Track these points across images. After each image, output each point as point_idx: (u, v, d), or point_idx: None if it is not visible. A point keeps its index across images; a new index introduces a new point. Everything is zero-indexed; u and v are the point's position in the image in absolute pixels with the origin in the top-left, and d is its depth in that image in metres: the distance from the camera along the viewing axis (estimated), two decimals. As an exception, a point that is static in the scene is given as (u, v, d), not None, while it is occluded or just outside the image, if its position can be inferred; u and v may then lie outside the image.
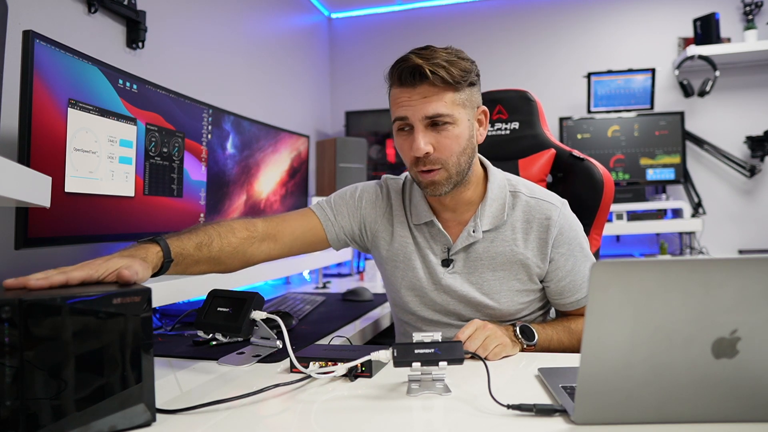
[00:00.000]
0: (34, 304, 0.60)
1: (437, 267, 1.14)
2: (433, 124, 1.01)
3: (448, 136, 1.01)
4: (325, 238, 1.18)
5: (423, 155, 1.01)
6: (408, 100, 1.01)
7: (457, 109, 1.02)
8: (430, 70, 0.97)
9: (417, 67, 0.98)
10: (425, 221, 1.14)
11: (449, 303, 1.14)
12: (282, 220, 1.14)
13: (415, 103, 1.00)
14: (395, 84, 1.04)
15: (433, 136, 1.01)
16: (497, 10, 3.35)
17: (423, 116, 1.00)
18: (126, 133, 1.28)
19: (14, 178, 0.75)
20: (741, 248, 2.97)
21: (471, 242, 1.11)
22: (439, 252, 1.14)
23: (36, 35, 1.05)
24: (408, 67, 0.99)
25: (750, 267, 0.60)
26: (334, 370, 0.85)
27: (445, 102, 1.00)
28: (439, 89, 0.99)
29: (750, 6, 2.89)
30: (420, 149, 1.00)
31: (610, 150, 2.96)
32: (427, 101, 0.99)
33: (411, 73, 0.99)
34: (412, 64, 0.99)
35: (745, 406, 0.64)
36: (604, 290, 0.60)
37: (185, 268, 0.95)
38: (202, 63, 2.10)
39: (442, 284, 1.13)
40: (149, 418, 0.68)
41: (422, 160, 1.02)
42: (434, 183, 1.04)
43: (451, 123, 1.01)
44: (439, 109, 0.99)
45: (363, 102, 3.40)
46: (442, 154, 1.02)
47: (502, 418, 0.69)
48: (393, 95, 1.05)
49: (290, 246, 1.14)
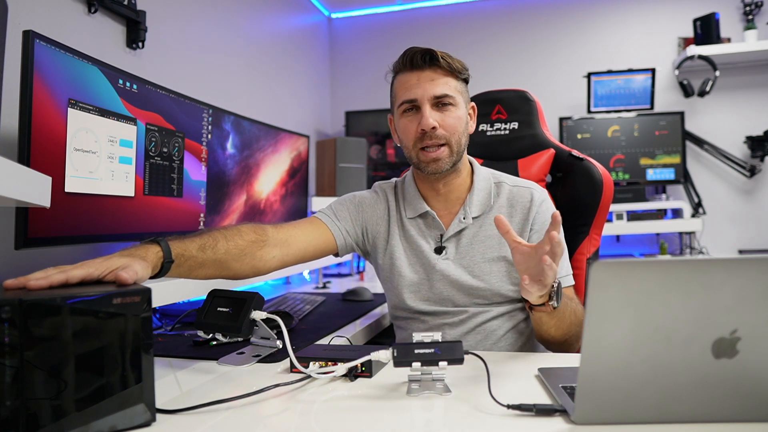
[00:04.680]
0: (34, 304, 0.60)
1: (430, 254, 1.19)
2: (438, 105, 1.11)
3: (451, 116, 1.12)
4: (334, 243, 1.20)
5: (430, 129, 1.10)
6: (417, 82, 1.11)
7: (458, 94, 1.14)
8: (441, 55, 1.10)
9: (428, 51, 1.10)
10: (420, 213, 1.21)
11: (443, 290, 1.17)
12: (292, 226, 1.16)
13: (424, 84, 1.11)
14: (405, 69, 1.14)
15: (439, 114, 1.12)
16: (497, 10, 3.34)
17: (432, 95, 1.11)
18: (126, 133, 1.28)
19: (14, 178, 0.75)
20: (741, 248, 2.97)
21: (462, 228, 1.19)
22: (432, 241, 1.20)
23: (36, 35, 1.05)
24: (420, 51, 1.11)
25: (750, 267, 0.60)
26: (334, 370, 0.85)
27: (449, 85, 1.12)
28: (445, 73, 1.12)
29: (750, 6, 2.89)
30: (429, 123, 1.10)
31: (610, 150, 2.96)
32: (435, 83, 1.11)
33: (422, 56, 1.11)
34: (423, 48, 1.11)
35: (745, 406, 0.64)
36: (604, 290, 0.60)
37: (189, 271, 0.94)
38: (202, 63, 2.10)
39: (436, 270, 1.17)
40: (149, 418, 0.68)
41: (429, 135, 1.11)
42: (437, 159, 1.12)
43: (453, 105, 1.12)
44: (446, 90, 1.11)
45: (363, 102, 3.39)
46: (447, 130, 1.12)
47: (502, 418, 0.69)
48: (400, 80, 1.15)
49: (303, 251, 1.14)
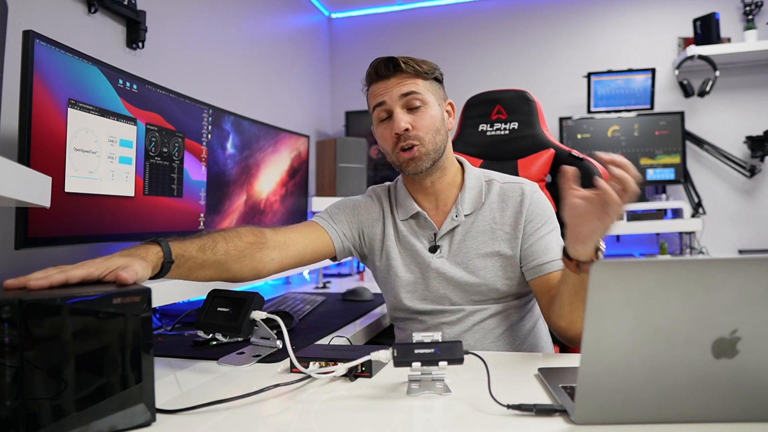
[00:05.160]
0: (34, 304, 0.60)
1: (425, 253, 1.19)
2: (409, 108, 1.14)
3: (423, 117, 1.13)
4: (332, 246, 1.21)
5: (402, 131, 1.12)
6: (385, 89, 1.14)
7: (428, 93, 1.15)
8: (402, 61, 1.13)
9: (390, 59, 1.13)
10: (411, 214, 1.22)
11: (439, 288, 1.18)
12: (290, 229, 1.16)
13: (392, 88, 1.13)
14: (372, 80, 1.17)
15: (410, 116, 1.13)
16: (497, 10, 3.34)
17: (399, 95, 1.13)
18: (126, 133, 1.28)
19: (14, 178, 0.75)
20: (741, 248, 2.97)
21: (454, 226, 1.19)
22: (426, 241, 1.21)
23: (36, 35, 1.05)
24: (383, 60, 1.14)
25: (750, 267, 0.60)
26: (334, 370, 0.85)
27: (417, 84, 1.14)
28: (410, 76, 1.14)
29: (750, 6, 2.89)
30: (400, 126, 1.11)
31: (610, 150, 2.95)
32: (402, 84, 1.13)
33: (386, 65, 1.13)
34: (386, 57, 1.14)
35: (745, 406, 0.64)
36: (604, 290, 0.60)
37: (189, 272, 0.94)
38: (202, 63, 2.10)
39: (431, 268, 1.18)
40: (149, 418, 0.68)
41: (403, 137, 1.13)
42: (414, 159, 1.14)
43: (423, 104, 1.14)
44: (412, 88, 1.13)
45: (363, 102, 3.32)
46: (420, 131, 1.13)
47: (502, 418, 0.69)
48: (371, 91, 1.18)
49: (302, 254, 1.15)
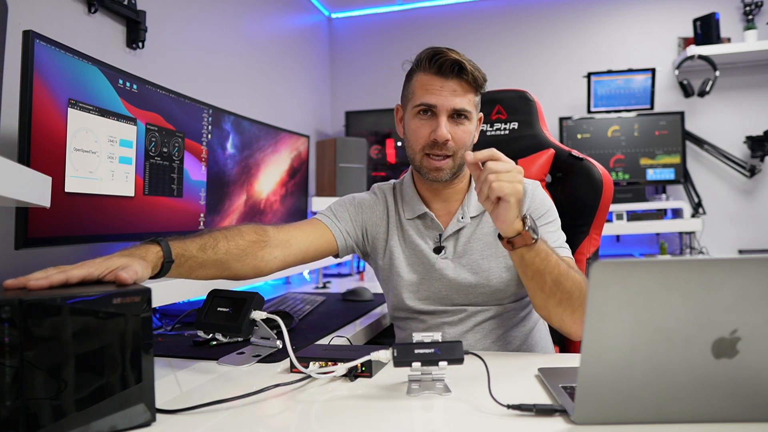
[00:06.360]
0: (34, 304, 0.60)
1: (429, 254, 1.19)
2: (453, 116, 1.11)
3: (464, 130, 1.12)
4: (335, 244, 1.20)
5: (443, 141, 1.10)
6: (440, 90, 1.10)
7: (474, 109, 1.14)
8: (470, 68, 1.08)
9: (458, 62, 1.08)
10: (419, 214, 1.21)
11: (441, 289, 1.18)
12: (293, 227, 1.16)
13: (446, 95, 1.09)
14: (430, 71, 1.11)
15: (452, 127, 1.11)
16: (497, 10, 3.34)
17: (452, 108, 1.10)
18: (126, 133, 1.28)
19: (14, 178, 0.75)
20: (741, 248, 2.97)
21: (460, 227, 1.19)
22: (431, 241, 1.20)
23: (36, 35, 1.05)
24: (450, 60, 1.08)
25: (750, 267, 0.60)
26: (334, 370, 0.85)
27: (468, 100, 1.12)
28: (467, 88, 1.11)
29: (750, 6, 2.89)
30: (443, 135, 1.09)
31: (610, 150, 2.96)
32: (456, 95, 1.10)
33: (451, 67, 1.08)
34: (454, 58, 1.08)
35: (745, 406, 0.64)
36: (604, 290, 0.60)
37: (189, 271, 0.94)
38: (202, 63, 2.10)
39: (435, 269, 1.18)
40: (149, 418, 0.68)
41: (439, 146, 1.11)
42: (440, 169, 1.13)
43: (468, 119, 1.12)
44: (465, 105, 1.11)
45: (363, 102, 3.38)
46: (457, 144, 1.12)
47: (502, 418, 0.69)
48: (422, 80, 1.12)
49: (305, 252, 1.14)
